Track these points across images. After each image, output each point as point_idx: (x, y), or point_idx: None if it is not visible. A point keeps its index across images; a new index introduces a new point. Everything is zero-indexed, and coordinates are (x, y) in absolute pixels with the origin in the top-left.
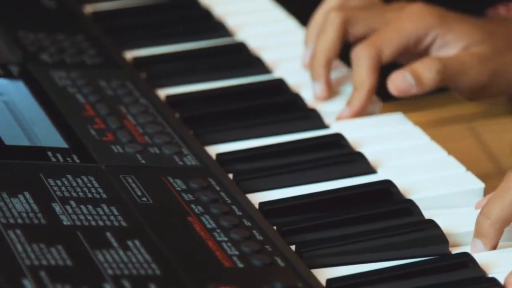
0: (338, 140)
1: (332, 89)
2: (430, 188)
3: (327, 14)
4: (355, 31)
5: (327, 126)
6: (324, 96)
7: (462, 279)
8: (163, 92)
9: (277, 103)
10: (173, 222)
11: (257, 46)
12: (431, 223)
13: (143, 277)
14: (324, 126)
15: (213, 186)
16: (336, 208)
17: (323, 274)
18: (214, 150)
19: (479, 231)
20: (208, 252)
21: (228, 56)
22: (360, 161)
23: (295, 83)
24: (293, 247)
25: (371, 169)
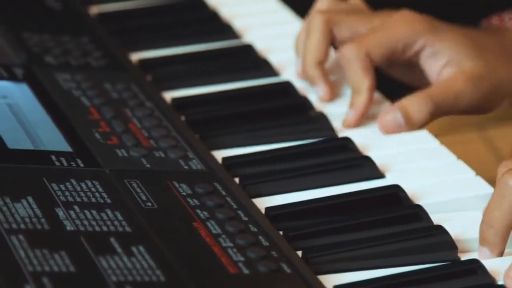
0: (346, 144)
1: (334, 89)
2: (439, 193)
3: (311, 17)
4: (340, 34)
5: (335, 130)
6: (328, 96)
7: (471, 286)
8: (169, 95)
9: (285, 106)
10: (178, 228)
11: (265, 48)
12: (440, 229)
13: (147, 284)
14: (332, 130)
15: (219, 191)
16: (344, 213)
17: (330, 281)
18: (220, 154)
19: (484, 240)
20: (213, 258)
21: (235, 58)
22: (368, 166)
23: (303, 86)
24: (300, 253)
25: (380, 174)
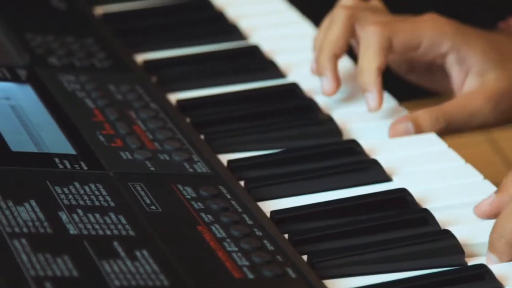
0: (353, 147)
1: (340, 84)
2: (447, 197)
3: (334, 11)
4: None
5: (342, 133)
6: (332, 91)
7: None
8: (174, 97)
9: (291, 108)
10: (182, 232)
11: (271, 49)
12: (447, 233)
13: None
14: (339, 133)
15: (224, 194)
16: (350, 217)
17: (336, 286)
18: (226, 156)
19: (494, 248)
20: (218, 263)
21: (241, 60)
22: (375, 169)
23: (310, 88)
24: (305, 257)
25: (386, 177)
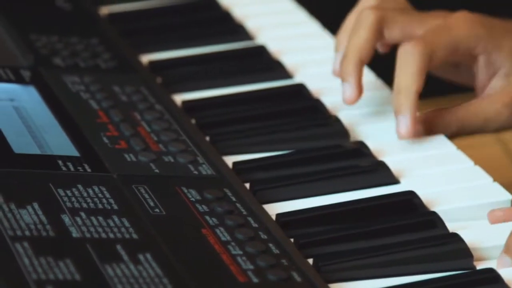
0: (360, 149)
1: (362, 93)
2: (455, 200)
3: (361, 13)
4: (391, 34)
5: (349, 135)
6: (354, 99)
7: None
8: (180, 98)
9: (298, 109)
10: (187, 235)
11: (278, 50)
12: (455, 237)
13: None
14: (346, 134)
15: (229, 197)
16: (357, 220)
17: None
18: (231, 158)
19: (510, 250)
20: (222, 267)
21: (248, 60)
22: (383, 171)
23: (317, 88)
24: (311, 261)
25: (394, 179)
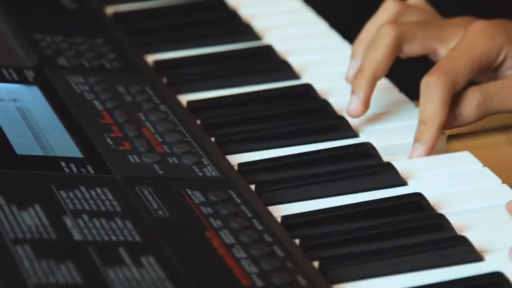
0: (367, 150)
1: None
2: (463, 202)
3: (380, 28)
4: (410, 49)
5: (357, 135)
6: (358, 114)
7: None
8: (185, 98)
9: (304, 110)
10: (190, 237)
11: (285, 49)
12: (463, 240)
13: None
14: (353, 135)
15: (234, 199)
16: (363, 222)
17: None
18: (236, 160)
19: None
20: (226, 270)
21: (254, 60)
22: (390, 172)
23: (324, 89)
24: (317, 263)
25: (402, 181)
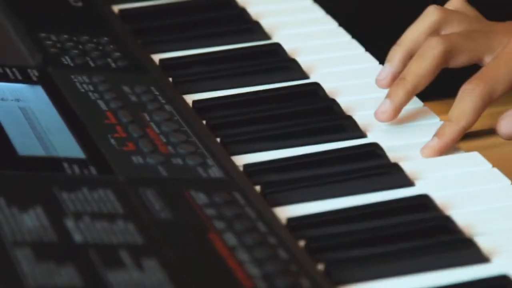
0: (374, 150)
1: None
2: (471, 203)
3: (429, 40)
4: (456, 62)
5: (364, 135)
6: (387, 119)
7: None
8: (191, 98)
9: (312, 110)
10: (193, 240)
11: (294, 48)
12: (470, 242)
13: None
14: (361, 135)
15: (238, 200)
16: (370, 224)
17: None
18: (242, 160)
19: None
20: (228, 272)
21: (262, 59)
22: (397, 173)
23: (332, 88)
24: (322, 266)
25: (409, 182)
